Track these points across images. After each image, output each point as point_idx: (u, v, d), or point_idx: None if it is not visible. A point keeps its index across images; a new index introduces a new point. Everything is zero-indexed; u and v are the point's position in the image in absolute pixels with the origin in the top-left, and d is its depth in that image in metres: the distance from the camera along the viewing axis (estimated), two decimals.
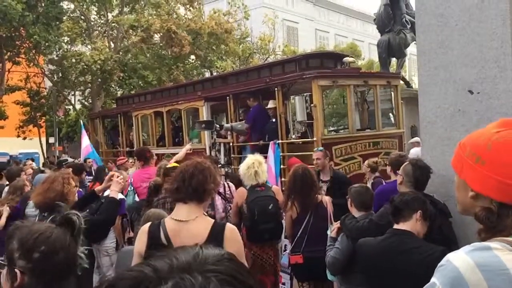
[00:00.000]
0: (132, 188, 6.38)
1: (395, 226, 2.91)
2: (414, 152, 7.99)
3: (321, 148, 6.32)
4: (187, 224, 2.50)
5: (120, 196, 5.45)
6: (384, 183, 6.03)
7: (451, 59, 3.42)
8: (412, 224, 2.85)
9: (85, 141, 12.11)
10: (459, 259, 1.28)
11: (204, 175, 2.55)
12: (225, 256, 0.77)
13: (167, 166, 5.47)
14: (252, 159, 5.17)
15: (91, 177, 9.07)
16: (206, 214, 5.04)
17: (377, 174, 6.92)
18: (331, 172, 6.03)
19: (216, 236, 2.46)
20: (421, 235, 2.90)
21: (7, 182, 6.43)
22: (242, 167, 5.20)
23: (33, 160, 16.65)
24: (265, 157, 6.42)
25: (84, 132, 12.72)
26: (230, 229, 2.54)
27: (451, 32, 3.42)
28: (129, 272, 0.72)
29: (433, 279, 1.32)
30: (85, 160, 12.24)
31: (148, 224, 2.62)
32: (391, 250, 2.81)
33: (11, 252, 1.62)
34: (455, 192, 1.54)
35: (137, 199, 6.10)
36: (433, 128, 3.53)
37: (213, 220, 2.61)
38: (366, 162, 7.08)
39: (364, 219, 3.64)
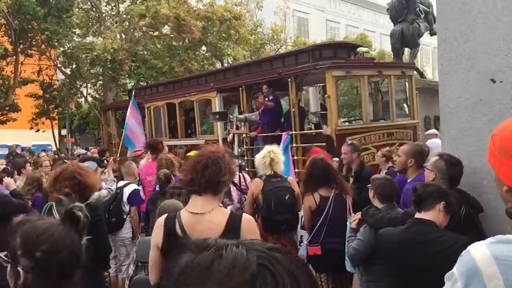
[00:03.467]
0: (138, 178, 6.39)
1: (417, 215, 2.87)
2: (431, 144, 7.90)
3: (350, 142, 6.12)
4: (203, 216, 2.46)
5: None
6: (398, 174, 5.95)
7: (473, 47, 3.35)
8: (434, 215, 2.81)
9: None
10: (477, 251, 1.26)
11: (218, 166, 2.48)
12: (268, 245, 0.78)
13: (186, 155, 5.48)
14: (268, 149, 5.14)
15: None
16: (222, 204, 5.07)
17: (390, 164, 6.84)
18: (357, 167, 5.79)
19: (233, 227, 2.43)
20: (442, 227, 2.86)
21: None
22: (258, 157, 5.18)
23: (45, 151, 16.75)
24: None
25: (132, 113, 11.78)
26: (247, 220, 2.51)
27: (474, 19, 3.35)
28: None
29: (454, 269, 1.30)
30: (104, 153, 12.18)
31: (164, 216, 2.59)
32: (413, 240, 2.78)
33: (13, 250, 1.57)
34: (496, 189, 1.49)
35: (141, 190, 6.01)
36: (454, 118, 3.47)
37: (229, 212, 2.57)
38: (379, 152, 6.98)
39: (394, 212, 3.57)
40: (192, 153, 5.82)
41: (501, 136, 1.38)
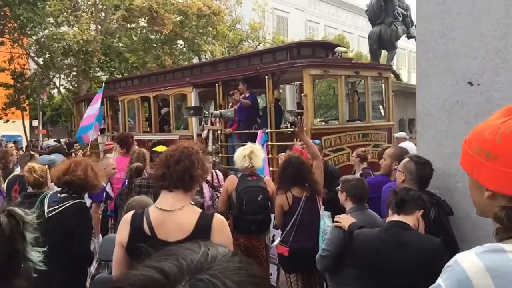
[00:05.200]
0: None
1: (395, 218, 2.81)
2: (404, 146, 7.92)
3: (317, 141, 6.10)
4: (173, 214, 2.34)
5: None
6: (372, 175, 5.94)
7: (452, 49, 3.31)
8: (413, 220, 2.77)
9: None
10: (468, 261, 1.17)
11: (191, 160, 2.37)
12: (232, 253, 0.71)
13: (153, 150, 5.32)
14: (249, 144, 5.08)
15: None
16: (193, 202, 4.93)
17: (365, 165, 6.82)
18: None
19: (203, 227, 2.32)
20: None
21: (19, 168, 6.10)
22: (238, 150, 5.09)
23: (15, 142, 16.27)
24: None
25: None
26: (219, 220, 2.39)
27: (453, 21, 3.31)
28: (135, 276, 0.62)
29: (439, 280, 1.22)
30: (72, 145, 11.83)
31: (131, 213, 2.46)
32: (389, 242, 2.73)
33: None
34: (470, 194, 1.42)
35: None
36: (430, 120, 3.43)
37: (200, 210, 2.45)
38: (355, 152, 6.94)
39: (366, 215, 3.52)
40: (159, 148, 5.67)
41: (480, 139, 1.31)
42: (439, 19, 3.37)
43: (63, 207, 3.48)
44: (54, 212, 3.48)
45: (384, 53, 15.02)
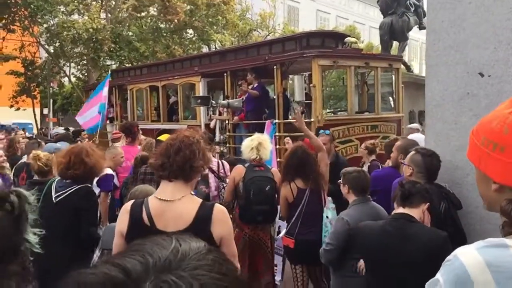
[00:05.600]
0: None
1: (400, 210, 2.76)
2: (413, 138, 7.82)
3: (328, 131, 5.98)
4: (172, 204, 2.30)
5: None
6: (380, 167, 5.87)
7: (463, 39, 3.23)
8: (418, 212, 2.71)
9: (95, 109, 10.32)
10: (467, 256, 1.13)
11: (191, 150, 2.33)
12: (206, 249, 0.66)
13: (157, 139, 5.29)
14: (257, 135, 5.03)
15: None
16: (199, 191, 4.89)
17: (373, 157, 6.75)
18: (333, 157, 5.67)
19: (203, 217, 2.28)
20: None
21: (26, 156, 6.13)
22: (246, 140, 5.05)
23: (24, 130, 16.38)
24: None
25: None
26: (219, 210, 2.35)
27: (464, 10, 3.22)
28: (94, 275, 0.58)
29: (437, 275, 1.18)
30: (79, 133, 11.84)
31: (131, 202, 2.43)
32: (393, 234, 2.68)
33: None
34: (477, 187, 1.36)
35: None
36: (439, 111, 3.36)
37: (200, 200, 2.41)
38: (363, 144, 6.87)
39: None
40: (163, 137, 5.64)
41: (487, 130, 1.26)
42: (450, 9, 3.28)
43: (69, 192, 3.57)
44: (61, 197, 3.57)
45: (395, 44, 14.83)
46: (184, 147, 2.32)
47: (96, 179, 4.83)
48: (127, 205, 2.41)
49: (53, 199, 3.57)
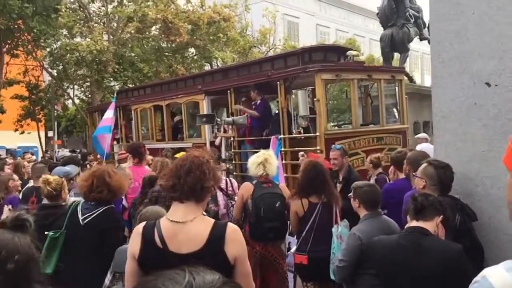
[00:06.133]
0: None
1: (414, 224, 2.73)
2: (421, 149, 7.79)
3: (338, 146, 5.94)
4: (185, 226, 2.28)
5: None
6: (388, 180, 5.83)
7: (467, 50, 3.24)
8: (432, 225, 2.68)
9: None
10: (497, 277, 1.10)
11: (202, 171, 2.31)
12: (221, 281, 0.65)
13: (174, 156, 5.27)
14: (262, 151, 5.03)
15: None
16: (208, 210, 4.86)
17: (380, 170, 6.73)
18: (346, 172, 5.65)
19: (216, 237, 2.26)
20: None
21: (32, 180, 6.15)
22: (252, 158, 5.03)
23: (31, 153, 16.42)
24: None
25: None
26: (232, 229, 2.33)
27: (468, 20, 3.24)
28: None
29: None
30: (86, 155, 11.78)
31: (143, 224, 2.41)
32: (408, 248, 2.65)
33: None
34: (506, 194, 1.34)
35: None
36: (447, 122, 3.35)
37: (213, 221, 2.39)
38: (369, 158, 6.85)
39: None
40: (179, 155, 5.63)
41: None
42: (453, 19, 3.30)
43: (96, 213, 3.67)
44: (88, 219, 3.66)
45: (396, 55, 14.88)
46: (194, 168, 2.31)
47: None
48: (139, 228, 2.39)
49: (80, 221, 3.67)
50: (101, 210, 3.67)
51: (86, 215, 3.68)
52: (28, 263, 1.41)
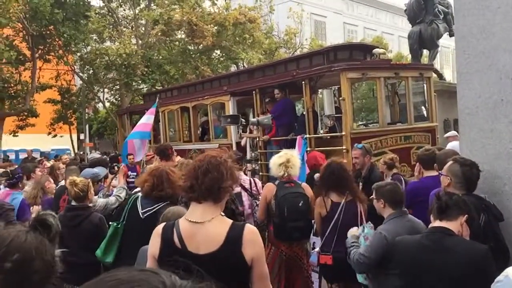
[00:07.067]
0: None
1: (437, 224, 2.67)
2: (451, 147, 7.62)
3: (360, 145, 5.89)
4: (203, 226, 2.29)
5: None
6: (403, 180, 5.72)
7: (493, 45, 3.15)
8: (456, 225, 2.62)
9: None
10: None
11: (219, 171, 2.32)
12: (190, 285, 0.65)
13: None
14: (285, 151, 5.00)
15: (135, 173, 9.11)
16: (234, 210, 4.89)
17: (395, 170, 6.64)
18: (367, 171, 5.62)
19: (234, 238, 2.27)
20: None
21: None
22: (274, 157, 5.02)
23: (56, 156, 16.87)
24: None
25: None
26: (250, 230, 2.32)
27: (493, 15, 3.15)
28: None
29: None
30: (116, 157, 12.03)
31: (162, 225, 2.44)
32: (430, 248, 2.60)
33: None
34: None
35: None
36: (473, 119, 3.27)
37: (231, 221, 2.39)
38: (382, 159, 6.75)
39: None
40: None
41: None
42: (478, 15, 3.21)
43: (157, 208, 3.76)
44: (148, 213, 3.77)
45: (426, 52, 14.60)
46: (212, 168, 2.32)
47: None
48: (159, 228, 2.42)
49: (141, 214, 3.80)
50: (161, 206, 3.76)
51: (146, 209, 3.80)
52: (31, 263, 1.40)
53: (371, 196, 3.74)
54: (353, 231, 3.80)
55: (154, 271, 0.73)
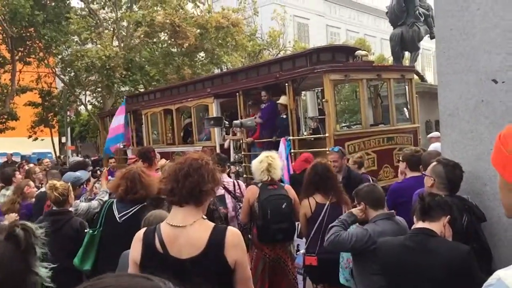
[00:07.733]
0: None
1: (420, 225, 2.68)
2: (434, 148, 7.68)
3: (336, 148, 5.93)
4: (185, 230, 2.26)
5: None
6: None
7: (473, 46, 3.18)
8: (439, 226, 2.63)
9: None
10: None
11: (200, 174, 2.29)
12: None
13: None
14: (265, 154, 4.98)
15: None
16: (219, 211, 4.84)
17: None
18: (345, 171, 5.69)
19: (216, 242, 2.24)
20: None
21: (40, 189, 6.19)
22: (254, 162, 5.00)
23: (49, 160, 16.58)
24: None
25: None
26: (232, 233, 2.30)
27: (472, 17, 3.18)
28: None
29: None
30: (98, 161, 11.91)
31: (144, 229, 2.40)
32: (413, 249, 2.60)
33: None
34: (499, 194, 1.30)
35: None
36: (454, 121, 3.29)
37: (213, 224, 2.36)
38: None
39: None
40: None
41: None
42: (458, 16, 3.24)
43: (134, 210, 3.76)
44: (126, 217, 3.75)
45: (407, 54, 14.75)
46: (192, 172, 2.29)
47: None
48: (140, 233, 2.38)
49: (118, 219, 3.77)
50: (138, 207, 3.76)
51: (123, 213, 3.77)
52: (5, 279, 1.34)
53: (354, 203, 3.72)
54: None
55: (147, 277, 0.71)
